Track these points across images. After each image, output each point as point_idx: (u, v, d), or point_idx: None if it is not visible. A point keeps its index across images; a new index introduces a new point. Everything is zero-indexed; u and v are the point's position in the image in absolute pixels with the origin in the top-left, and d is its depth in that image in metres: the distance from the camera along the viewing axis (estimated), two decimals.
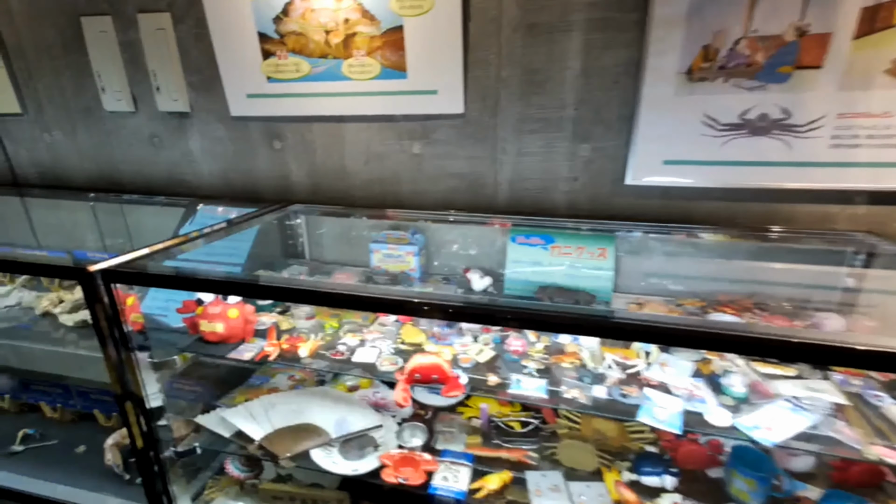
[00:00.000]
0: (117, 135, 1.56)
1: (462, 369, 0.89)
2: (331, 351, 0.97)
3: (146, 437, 0.97)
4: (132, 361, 0.91)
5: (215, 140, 1.48)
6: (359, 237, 1.43)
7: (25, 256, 1.03)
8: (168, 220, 1.60)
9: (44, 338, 1.31)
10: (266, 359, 0.94)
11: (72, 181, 1.69)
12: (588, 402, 0.82)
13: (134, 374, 0.92)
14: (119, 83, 1.46)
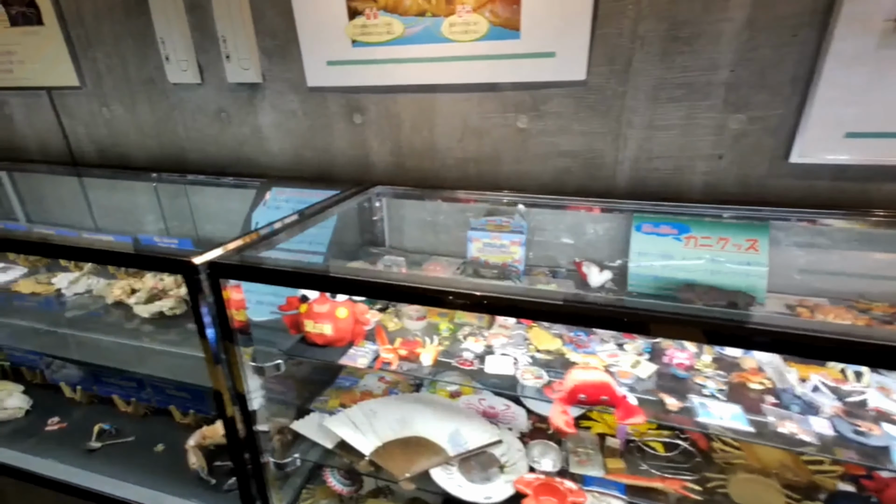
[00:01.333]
0: (181, 109, 1.44)
1: (624, 386, 0.74)
2: (456, 359, 0.83)
3: (246, 441, 0.86)
4: (236, 360, 0.79)
5: (288, 114, 1.34)
6: (448, 223, 1.28)
7: (118, 245, 0.92)
8: (236, 202, 1.48)
9: (117, 329, 1.23)
10: (387, 367, 0.81)
11: (132, 160, 1.59)
12: (813, 438, 0.65)
13: (237, 375, 0.80)
14: (185, 51, 1.33)
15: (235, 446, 0.87)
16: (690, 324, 0.59)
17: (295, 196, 1.35)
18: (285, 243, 1.25)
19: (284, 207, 1.34)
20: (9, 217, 1.79)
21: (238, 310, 0.76)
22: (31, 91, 1.58)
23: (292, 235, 0.98)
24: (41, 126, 1.64)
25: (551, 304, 0.63)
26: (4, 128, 1.69)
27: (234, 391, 0.82)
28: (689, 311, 0.61)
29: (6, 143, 1.72)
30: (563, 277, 1.15)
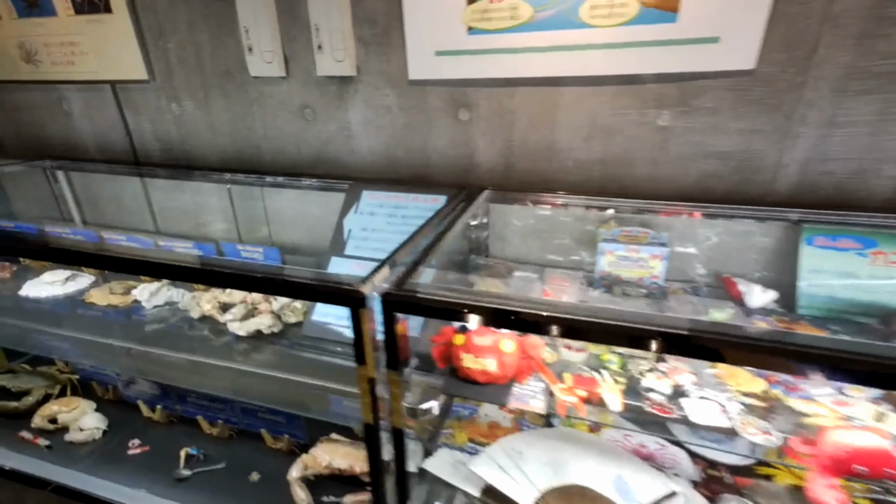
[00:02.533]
0: (261, 105, 1.33)
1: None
2: (645, 402, 0.71)
3: (398, 482, 0.75)
4: (398, 394, 0.68)
5: (382, 110, 1.22)
6: (564, 232, 1.16)
7: (245, 267, 0.80)
8: (317, 205, 1.38)
9: (205, 346, 1.13)
10: (573, 413, 0.69)
11: (201, 159, 1.48)
12: None
13: (397, 409, 0.69)
14: (270, 41, 1.21)
15: (380, 488, 0.76)
16: None
17: (389, 200, 1.23)
18: (367, 250, 1.15)
19: (379, 213, 1.22)
20: (65, 219, 1.70)
21: (405, 343, 0.65)
22: (93, 85, 1.47)
23: (436, 250, 0.86)
24: (103, 122, 1.53)
25: (801, 350, 0.50)
26: (63, 124, 1.59)
27: (392, 428, 0.70)
28: None
29: (64, 141, 1.62)
30: (705, 296, 1.02)
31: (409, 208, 1.20)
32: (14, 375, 1.42)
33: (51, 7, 1.36)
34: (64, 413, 1.26)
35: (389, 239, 1.16)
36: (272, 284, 0.71)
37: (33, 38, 1.44)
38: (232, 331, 1.08)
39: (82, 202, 1.69)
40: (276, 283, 0.71)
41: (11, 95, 1.60)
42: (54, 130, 1.61)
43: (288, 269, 0.72)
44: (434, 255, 0.83)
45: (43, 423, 1.25)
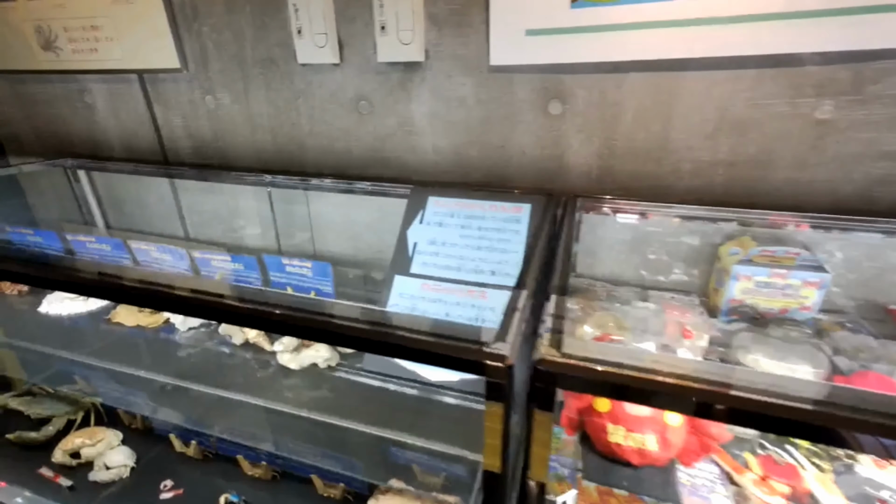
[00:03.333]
0: (308, 97, 1.15)
1: None
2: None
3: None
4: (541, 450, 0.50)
5: (454, 102, 1.04)
6: (673, 248, 0.97)
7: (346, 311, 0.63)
8: (370, 210, 1.20)
9: (248, 379, 0.97)
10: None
11: (237, 158, 1.32)
12: None
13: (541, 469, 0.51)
14: (324, 21, 1.03)
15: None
16: None
17: (461, 208, 1.04)
18: (436, 268, 0.97)
19: (449, 224, 1.04)
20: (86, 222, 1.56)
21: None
22: (118, 75, 1.31)
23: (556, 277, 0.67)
24: (128, 117, 1.38)
25: None
26: (84, 119, 1.44)
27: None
28: None
29: (85, 137, 1.47)
30: (868, 332, 0.83)
31: (485, 219, 1.02)
32: (33, 399, 1.28)
33: None
34: (88, 447, 1.11)
35: (465, 256, 0.98)
36: (356, 340, 0.54)
37: (52, 21, 1.28)
38: (282, 363, 0.92)
39: (107, 205, 1.55)
40: (362, 340, 0.53)
41: (29, 87, 1.45)
42: (76, 126, 1.46)
43: (376, 313, 0.54)
44: (551, 282, 0.64)
45: (65, 459, 1.10)
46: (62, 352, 1.12)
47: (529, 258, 0.94)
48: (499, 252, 0.98)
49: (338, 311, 0.60)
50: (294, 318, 0.60)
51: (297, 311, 0.61)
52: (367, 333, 0.52)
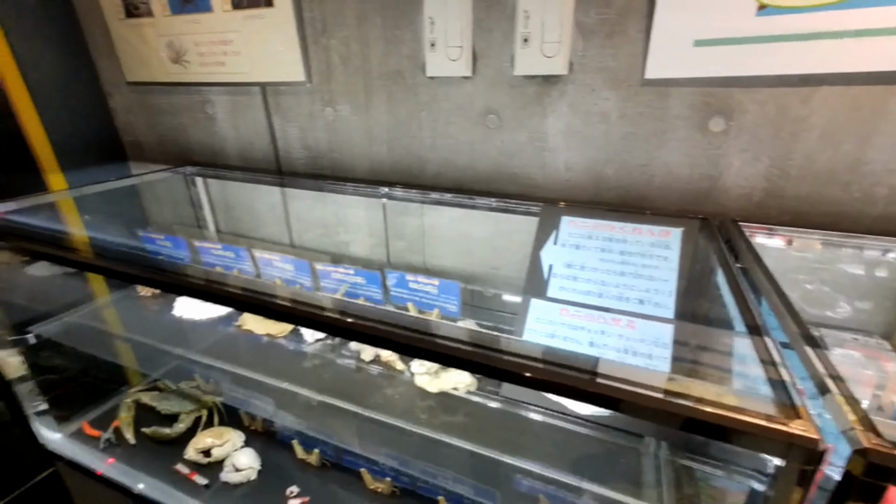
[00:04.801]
0: (433, 110, 1.13)
1: None
2: None
3: None
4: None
5: (595, 117, 0.98)
6: (855, 282, 0.86)
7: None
8: (492, 228, 1.17)
9: (375, 396, 0.97)
10: None
11: (351, 169, 1.33)
12: None
13: None
14: (460, 34, 1.00)
15: None
16: None
17: (600, 230, 0.98)
18: (601, 297, 0.90)
19: (587, 246, 0.98)
20: (200, 226, 1.64)
21: None
22: (242, 87, 1.36)
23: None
24: (247, 128, 1.43)
25: None
26: (205, 129, 1.51)
27: None
28: None
29: (206, 146, 1.54)
30: None
31: (629, 242, 0.95)
32: (160, 394, 1.36)
33: (207, 2, 1.25)
34: (217, 447, 1.16)
35: (607, 282, 0.93)
36: (587, 393, 0.50)
37: (184, 36, 1.34)
38: (419, 385, 0.91)
39: (224, 212, 1.62)
40: (595, 394, 0.49)
41: (156, 98, 1.54)
42: (196, 135, 1.54)
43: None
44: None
45: (197, 457, 1.16)
46: (194, 354, 1.18)
47: (698, 289, 0.87)
48: (646, 279, 0.92)
49: (532, 351, 0.56)
50: (471, 353, 0.58)
51: (479, 346, 0.59)
52: (599, 388, 0.48)
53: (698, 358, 0.83)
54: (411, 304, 1.10)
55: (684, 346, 0.84)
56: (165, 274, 0.83)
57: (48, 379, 1.26)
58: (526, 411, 0.91)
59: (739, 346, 0.84)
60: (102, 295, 1.51)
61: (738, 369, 0.81)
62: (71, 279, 1.47)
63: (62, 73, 1.50)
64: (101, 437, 1.22)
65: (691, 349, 0.84)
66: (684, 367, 0.80)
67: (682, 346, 0.84)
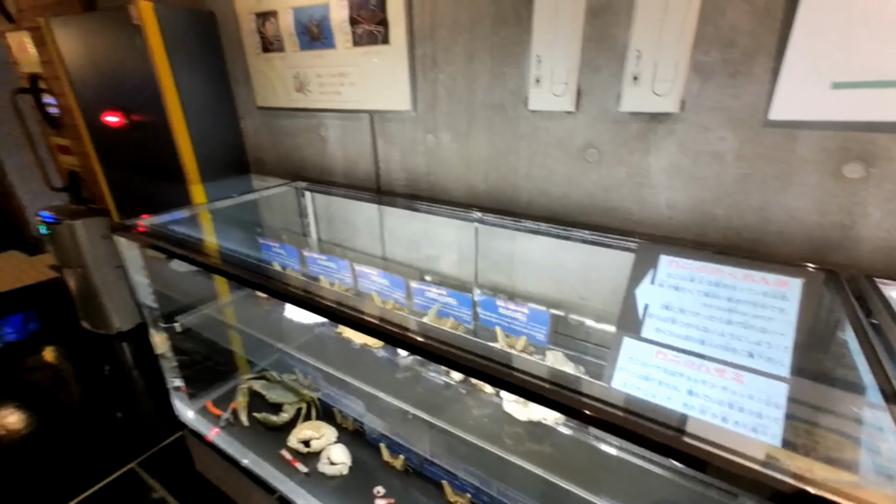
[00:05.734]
0: (531, 141, 1.17)
1: None
2: None
3: None
4: None
5: (706, 157, 0.94)
6: None
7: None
8: (582, 260, 1.17)
9: (463, 415, 1.02)
10: None
11: (445, 192, 1.40)
12: None
13: None
14: (566, 71, 1.03)
15: None
16: None
17: (704, 273, 0.95)
18: (703, 344, 0.86)
19: (688, 289, 0.95)
20: (304, 233, 1.83)
21: None
22: (353, 114, 1.50)
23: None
24: (354, 149, 1.57)
25: None
26: (317, 149, 1.68)
27: None
28: None
29: (316, 164, 1.72)
30: None
31: (738, 289, 0.91)
32: (268, 384, 1.55)
33: (331, 40, 1.40)
34: (315, 440, 1.30)
35: (710, 329, 0.89)
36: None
37: (308, 69, 1.52)
38: (507, 411, 0.95)
39: (326, 223, 1.79)
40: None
41: (279, 121, 1.75)
42: (309, 154, 1.72)
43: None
44: None
45: (298, 446, 1.31)
46: (296, 351, 1.32)
47: (819, 346, 0.81)
48: (757, 331, 0.86)
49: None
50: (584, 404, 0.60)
51: (565, 388, 0.61)
52: None
53: (817, 423, 0.77)
54: (499, 329, 1.14)
55: (801, 409, 0.78)
56: (273, 282, 0.97)
57: (183, 360, 1.50)
58: (615, 450, 0.90)
59: (870, 415, 0.78)
60: (228, 292, 1.75)
61: (868, 443, 0.75)
62: (210, 276, 1.72)
63: (208, 99, 1.77)
64: (222, 417, 1.42)
65: (809, 412, 0.78)
66: (799, 432, 0.75)
67: (799, 408, 0.78)
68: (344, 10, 1.33)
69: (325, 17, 1.37)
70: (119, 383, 2.26)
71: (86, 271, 2.41)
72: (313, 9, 1.39)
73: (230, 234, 1.63)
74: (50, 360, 2.49)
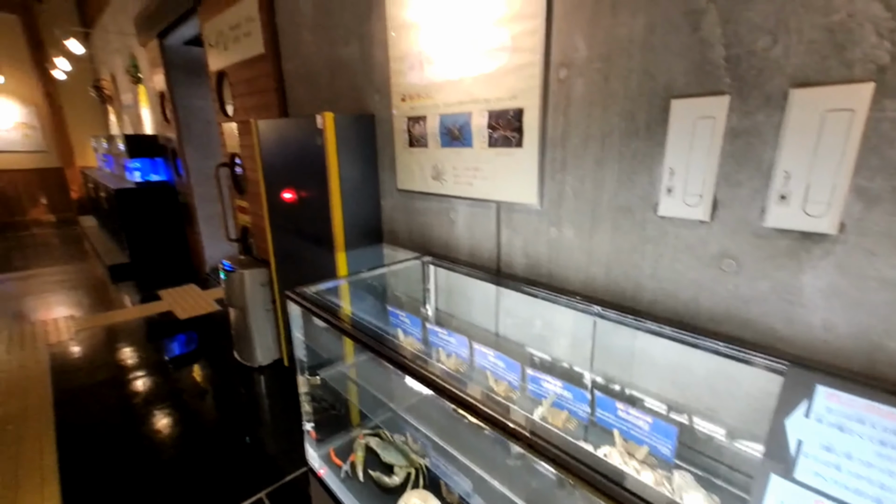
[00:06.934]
0: (659, 244, 1.18)
1: None
2: None
3: None
4: None
5: (872, 283, 0.86)
6: None
7: None
8: (708, 371, 1.11)
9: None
10: None
11: (563, 280, 1.46)
12: None
13: None
14: (701, 184, 1.05)
15: None
16: None
17: (878, 416, 0.83)
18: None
19: (856, 433, 0.83)
20: (425, 301, 2.00)
21: None
22: (482, 202, 1.67)
23: None
24: (479, 232, 1.73)
25: None
26: (445, 229, 1.88)
27: None
28: None
29: (443, 242, 1.92)
30: None
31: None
32: (382, 442, 1.68)
33: (469, 141, 1.62)
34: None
35: (888, 486, 0.77)
36: None
37: (446, 161, 1.75)
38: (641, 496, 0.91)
39: (446, 296, 1.95)
40: None
41: (415, 202, 2.01)
42: (437, 232, 1.93)
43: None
44: None
45: None
46: (409, 415, 1.42)
47: None
48: None
49: None
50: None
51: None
52: None
53: None
54: (618, 433, 1.11)
55: None
56: (394, 353, 1.11)
57: (316, 407, 1.71)
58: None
59: None
60: (359, 351, 1.97)
61: None
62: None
63: (359, 181, 2.12)
64: (342, 468, 1.57)
65: None
66: None
67: None
68: (484, 119, 1.54)
69: (467, 122, 1.60)
70: (251, 410, 2.62)
71: (244, 311, 2.91)
72: (457, 116, 1.63)
73: (366, 300, 1.87)
74: (202, 377, 3.00)
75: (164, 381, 2.92)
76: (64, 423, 2.48)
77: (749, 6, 0.93)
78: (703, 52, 1.00)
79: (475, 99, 1.55)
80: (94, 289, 4.79)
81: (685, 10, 1.02)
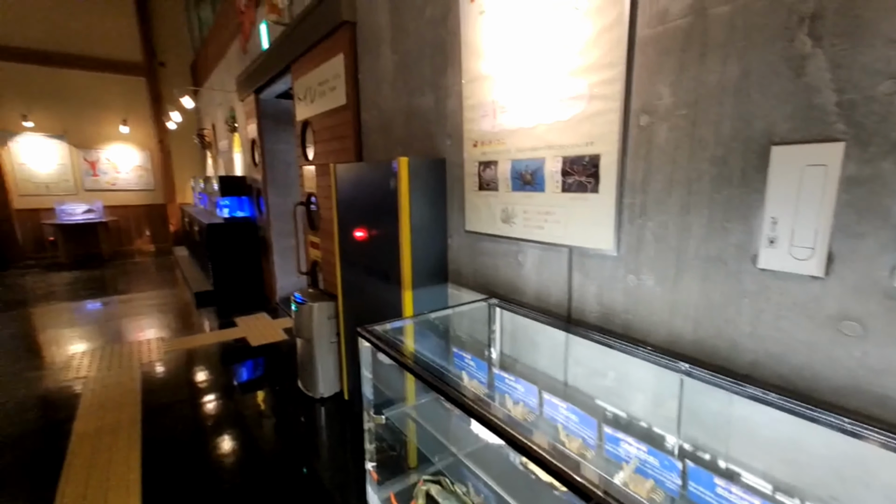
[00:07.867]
0: (758, 300, 1.07)
1: None
2: None
3: None
4: None
5: None
6: None
7: None
8: (835, 453, 0.95)
9: None
10: None
11: (643, 333, 1.36)
12: None
13: None
14: (813, 236, 0.95)
15: None
16: None
17: None
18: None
19: None
20: (490, 345, 1.96)
21: None
22: (552, 246, 1.64)
23: None
24: (548, 277, 1.68)
25: None
26: (513, 271, 1.86)
27: None
28: None
29: (509, 284, 1.89)
30: None
31: None
32: (442, 490, 1.61)
33: (542, 186, 1.61)
34: None
35: None
36: None
37: (517, 205, 1.75)
38: None
39: (512, 340, 1.91)
40: None
41: (482, 244, 2.02)
42: (504, 274, 1.91)
43: None
44: None
45: None
46: (472, 463, 1.35)
47: None
48: None
49: None
50: None
51: None
52: None
53: None
54: None
55: None
56: (462, 396, 1.07)
57: (378, 447, 1.69)
58: None
59: None
60: (424, 393, 1.96)
61: None
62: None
63: (428, 221, 2.18)
64: None
65: None
66: None
67: None
68: (557, 164, 1.53)
69: (540, 168, 1.60)
70: (310, 441, 2.65)
71: (311, 342, 3.02)
72: (529, 161, 1.65)
73: (431, 340, 1.87)
74: (266, 404, 3.11)
75: (233, 405, 3.08)
76: (147, 439, 2.68)
77: (862, 50, 0.86)
78: (809, 97, 0.94)
79: (549, 145, 1.56)
80: (181, 313, 5.27)
81: (786, 56, 0.97)
